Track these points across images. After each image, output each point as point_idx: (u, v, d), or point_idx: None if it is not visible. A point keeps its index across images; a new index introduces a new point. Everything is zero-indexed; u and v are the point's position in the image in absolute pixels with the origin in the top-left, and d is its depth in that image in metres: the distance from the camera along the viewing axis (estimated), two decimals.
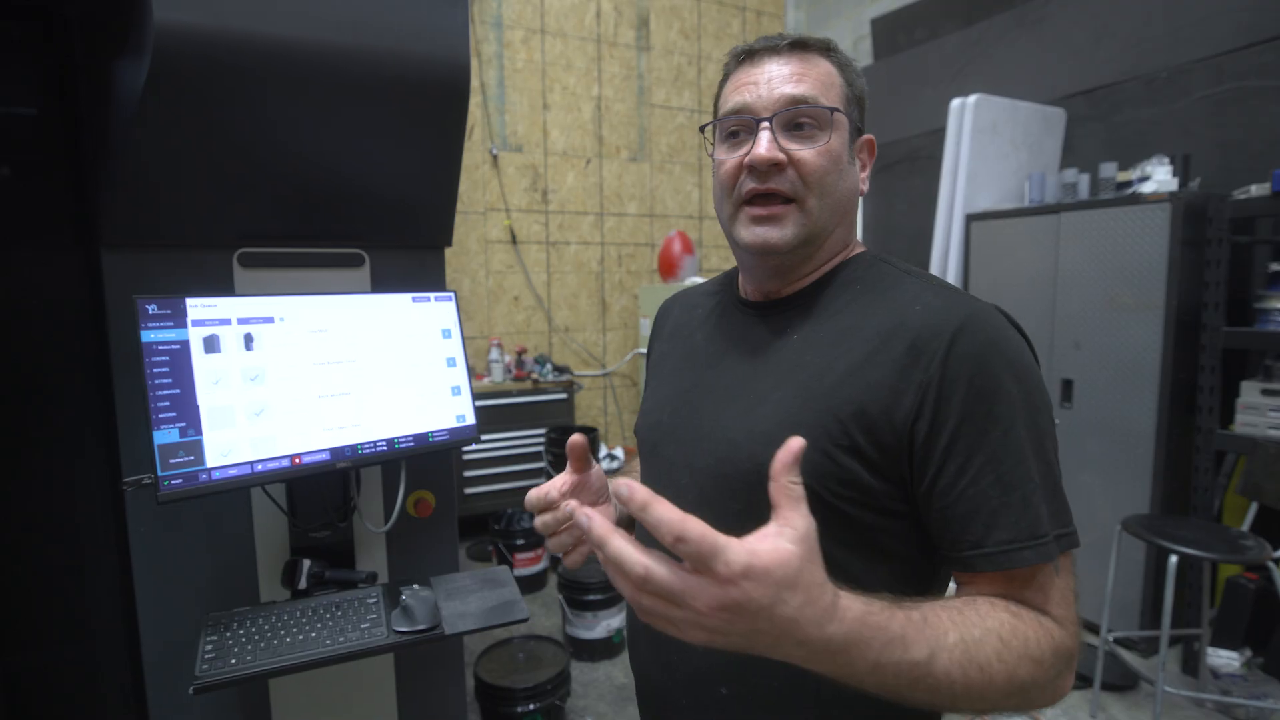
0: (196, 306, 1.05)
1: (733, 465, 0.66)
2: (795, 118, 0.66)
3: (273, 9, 1.02)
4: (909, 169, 4.08)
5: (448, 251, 1.45)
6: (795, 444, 0.44)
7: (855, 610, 0.46)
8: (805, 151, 0.66)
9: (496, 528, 3.09)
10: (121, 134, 1.07)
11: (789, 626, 0.43)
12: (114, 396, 1.17)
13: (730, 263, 4.37)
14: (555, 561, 3.19)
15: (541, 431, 3.56)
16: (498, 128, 3.86)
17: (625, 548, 0.43)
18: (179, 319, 1.03)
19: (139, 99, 0.98)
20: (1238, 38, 2.59)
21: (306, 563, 1.21)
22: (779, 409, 0.65)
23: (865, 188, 0.73)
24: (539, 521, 0.70)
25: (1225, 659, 2.29)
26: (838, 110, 0.67)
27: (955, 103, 3.10)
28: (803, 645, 0.44)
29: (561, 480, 0.72)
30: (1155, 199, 2.39)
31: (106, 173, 1.13)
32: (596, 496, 0.75)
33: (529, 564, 3.05)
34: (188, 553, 1.21)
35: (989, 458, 0.58)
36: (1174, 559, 1.90)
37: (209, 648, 1.03)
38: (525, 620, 1.21)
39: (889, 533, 0.63)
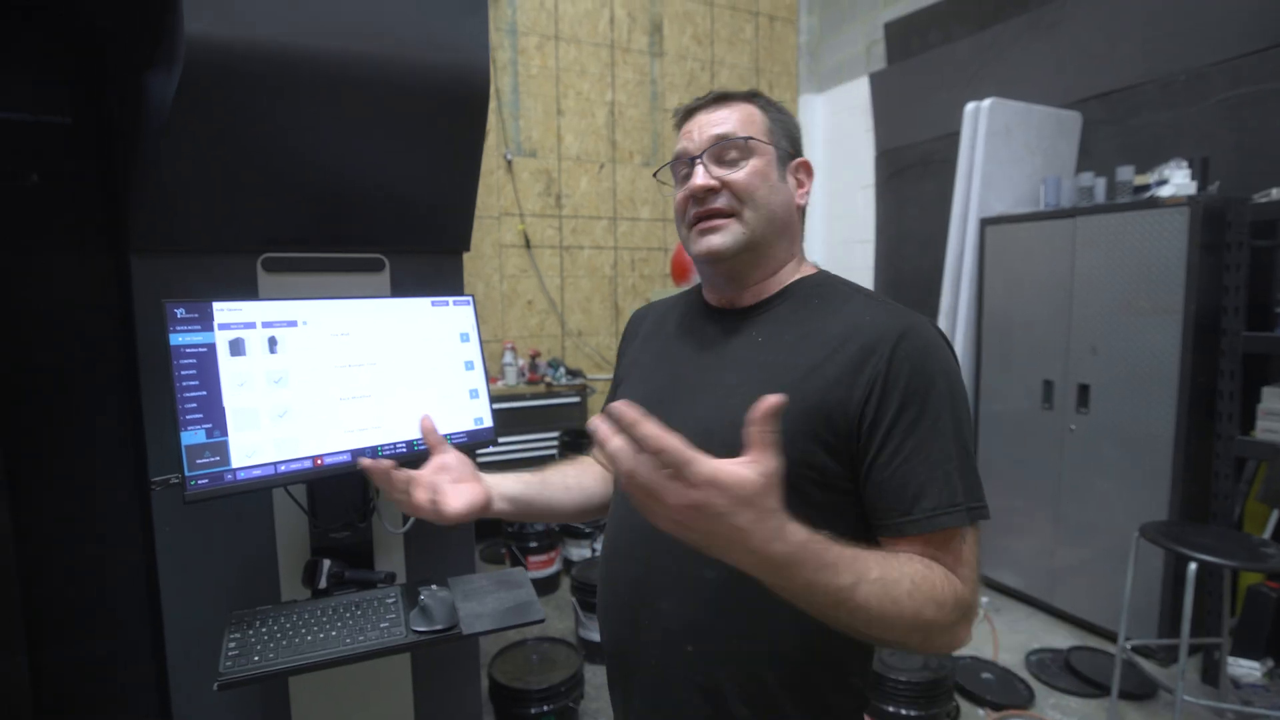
0: (223, 310, 1.07)
1: (708, 451, 0.73)
2: (722, 151, 0.81)
3: (298, 19, 1.04)
4: (921, 173, 4.07)
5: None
6: (774, 399, 0.53)
7: (799, 536, 0.56)
8: (734, 174, 0.81)
9: (509, 530, 3.10)
10: (151, 142, 1.09)
11: (740, 535, 0.53)
12: (140, 398, 1.19)
13: None
14: (568, 564, 3.20)
15: (555, 434, 3.57)
16: (512, 133, 3.89)
17: (622, 447, 0.52)
18: (206, 322, 1.05)
19: (169, 108, 1.01)
20: (1256, 40, 2.57)
21: (326, 563, 1.23)
22: (748, 400, 0.71)
23: (803, 202, 0.87)
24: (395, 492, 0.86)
25: (1246, 669, 2.26)
26: (754, 139, 0.82)
27: (970, 106, 3.09)
28: (751, 554, 0.54)
29: (427, 467, 0.87)
30: (1174, 203, 2.38)
31: (136, 180, 1.16)
32: (459, 474, 0.89)
33: (542, 566, 3.06)
34: (211, 551, 1.24)
35: (920, 441, 0.70)
36: (1193, 566, 1.88)
37: (232, 645, 1.05)
38: (541, 621, 1.22)
39: (839, 509, 0.73)
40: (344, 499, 1.27)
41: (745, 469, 0.52)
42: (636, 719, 0.85)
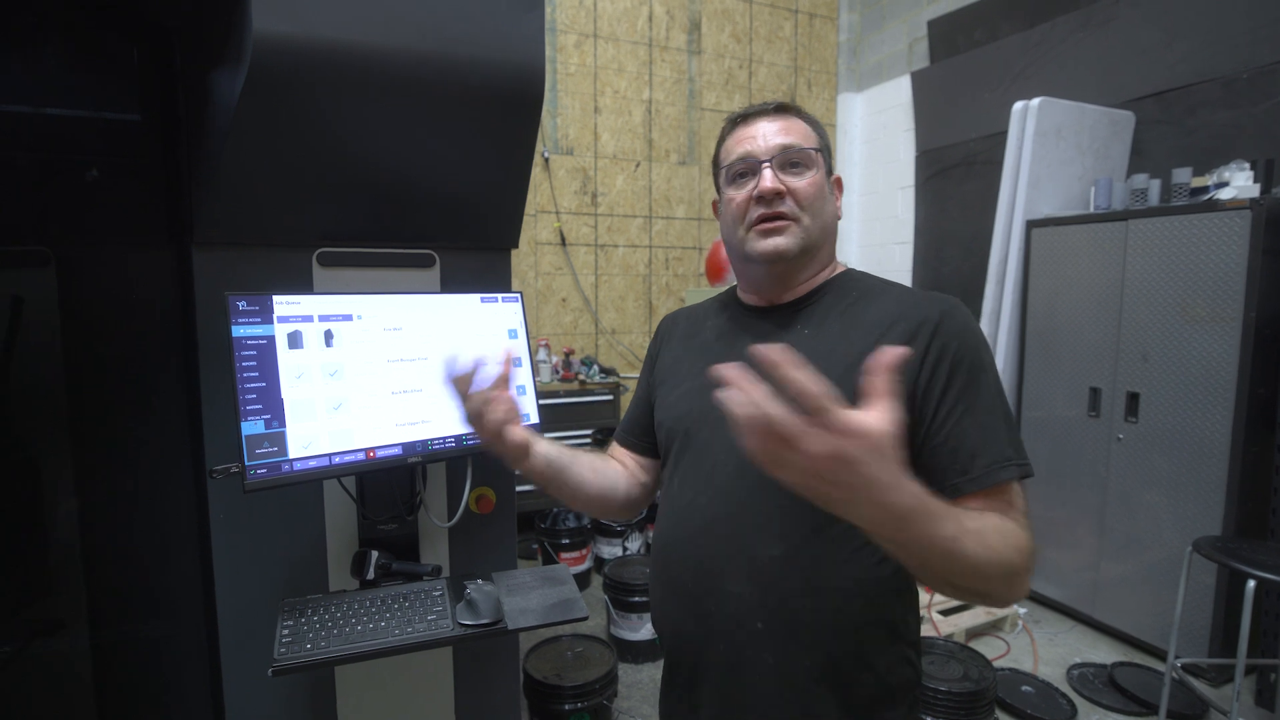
0: (282, 303, 1.09)
1: None
2: (789, 158, 0.86)
3: (361, 18, 1.05)
4: (964, 173, 3.99)
5: None
6: (896, 351, 0.54)
7: (915, 488, 0.57)
8: (799, 182, 0.86)
9: (542, 526, 3.12)
10: (216, 139, 1.12)
11: (871, 487, 0.53)
12: (199, 388, 1.22)
13: None
14: (599, 562, 3.21)
15: (588, 432, 3.59)
16: (549, 131, 3.91)
17: (765, 397, 0.52)
18: (266, 315, 1.08)
19: (235, 106, 1.03)
20: None
21: (374, 554, 1.24)
22: None
23: (840, 215, 0.94)
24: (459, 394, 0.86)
25: None
26: (817, 150, 0.88)
27: (1018, 106, 3.02)
28: (878, 506, 0.55)
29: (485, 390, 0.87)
30: (1235, 205, 2.29)
31: (200, 175, 1.19)
32: (508, 415, 0.88)
33: (574, 563, 3.08)
34: (263, 540, 1.26)
35: (969, 406, 0.76)
36: (1252, 584, 1.81)
37: (285, 632, 1.07)
38: (585, 619, 1.22)
39: None
40: (393, 492, 1.28)
41: (878, 418, 0.53)
42: (708, 713, 0.87)
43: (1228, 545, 1.99)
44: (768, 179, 0.85)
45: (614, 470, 1.05)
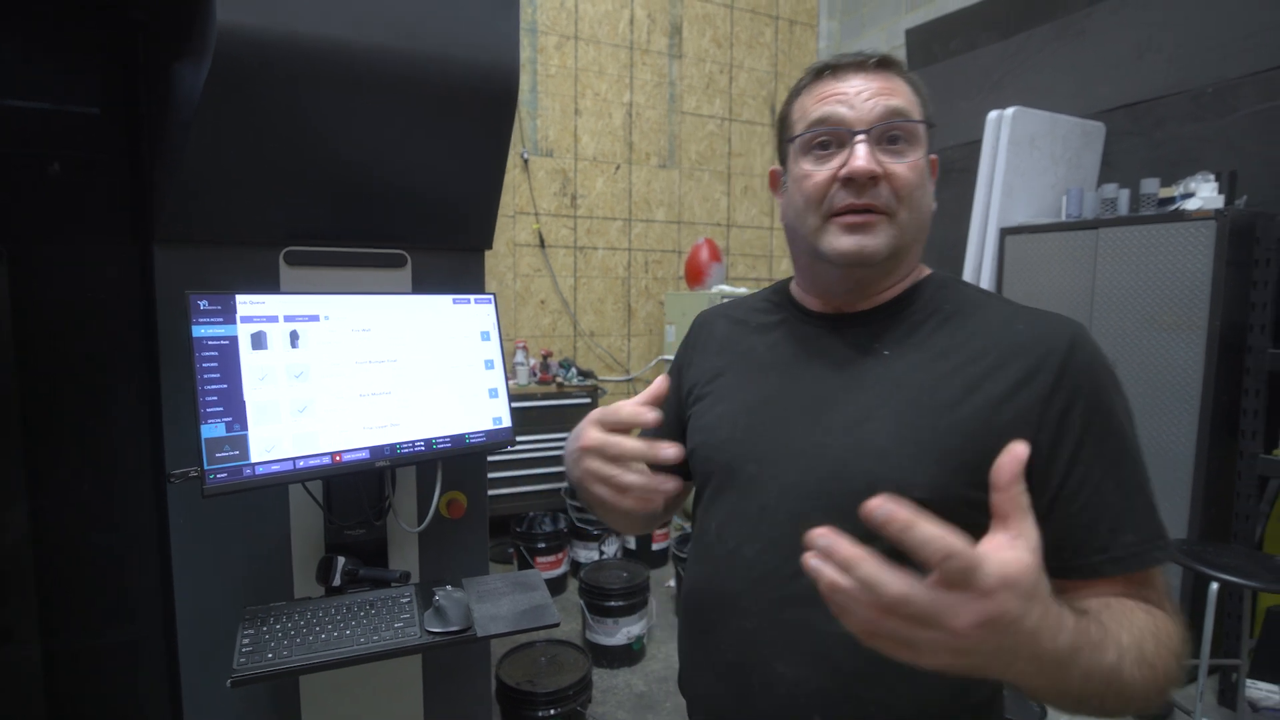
0: (245, 303, 1.07)
1: (843, 483, 0.64)
2: (890, 130, 0.66)
3: (330, 12, 1.03)
4: (941, 181, 3.96)
5: None
6: (1020, 450, 0.45)
7: (1070, 620, 0.47)
8: (899, 165, 0.65)
9: (518, 530, 3.09)
10: (179, 133, 1.09)
11: (1030, 639, 0.43)
12: (160, 389, 1.19)
13: (756, 271, 4.29)
14: (576, 566, 3.19)
15: (564, 435, 3.56)
16: (529, 132, 3.89)
17: (880, 571, 0.41)
18: (228, 315, 1.05)
19: (198, 99, 1.00)
20: None
21: (341, 560, 1.22)
22: (893, 425, 0.64)
23: (935, 205, 0.73)
24: (611, 444, 0.62)
25: (1265, 691, 2.22)
26: (928, 124, 0.68)
27: (992, 115, 3.06)
28: (1036, 659, 0.44)
29: (648, 412, 0.63)
30: (1200, 216, 2.34)
31: (162, 170, 1.16)
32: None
33: (550, 568, 3.05)
34: (225, 546, 1.23)
35: (1109, 467, 0.60)
36: (1215, 586, 1.84)
37: (246, 641, 1.04)
38: (556, 625, 1.21)
39: None
40: (360, 496, 1.26)
41: (1021, 552, 0.42)
42: None
43: (1193, 549, 2.03)
44: (861, 157, 0.64)
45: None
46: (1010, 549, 0.42)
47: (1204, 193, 2.44)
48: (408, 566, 1.36)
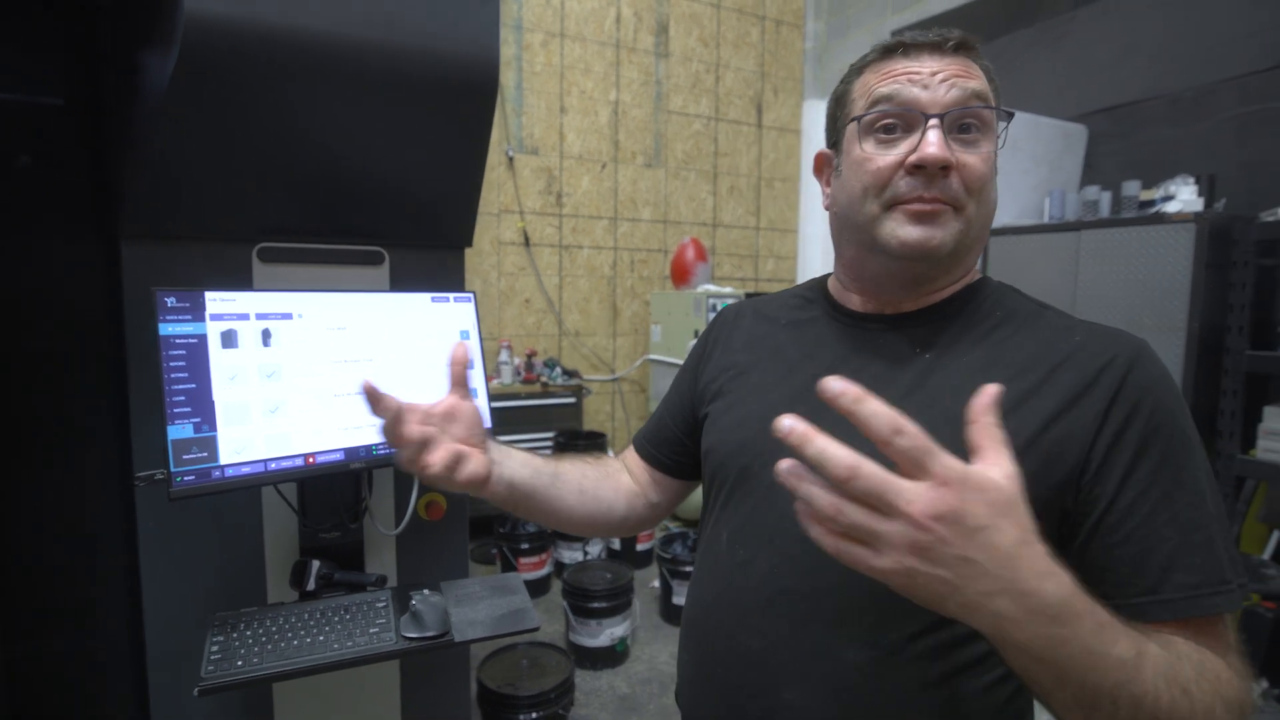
0: (215, 300, 1.03)
1: None
2: (965, 117, 0.61)
3: (302, 1, 1.00)
4: None
5: None
6: (993, 389, 0.42)
7: (1070, 578, 0.41)
8: (971, 156, 0.61)
9: (501, 531, 3.06)
10: (146, 125, 1.06)
11: (1006, 563, 0.38)
12: (128, 390, 1.15)
13: (742, 271, 4.28)
14: (560, 567, 3.16)
15: (550, 435, 3.54)
16: (514, 130, 3.86)
17: (830, 444, 0.39)
18: (197, 313, 1.02)
19: (165, 89, 0.97)
20: (1266, 58, 2.56)
21: (315, 564, 1.19)
22: (933, 436, 0.60)
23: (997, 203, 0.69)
24: (384, 429, 0.64)
25: None
26: (1005, 111, 0.64)
27: None
28: (1020, 598, 0.39)
29: (438, 405, 0.66)
30: (1180, 219, 2.36)
31: (129, 163, 1.12)
32: (469, 431, 0.68)
33: (533, 568, 3.02)
34: (195, 550, 1.20)
35: (1165, 494, 0.54)
36: None
37: (215, 649, 1.01)
38: (536, 630, 1.19)
39: None
40: (335, 498, 1.23)
41: (986, 466, 0.40)
42: None
43: None
44: (934, 143, 0.59)
45: (610, 488, 0.85)
46: (983, 465, 0.40)
47: (1184, 195, 2.47)
48: (385, 570, 1.34)
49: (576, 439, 3.43)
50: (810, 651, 0.60)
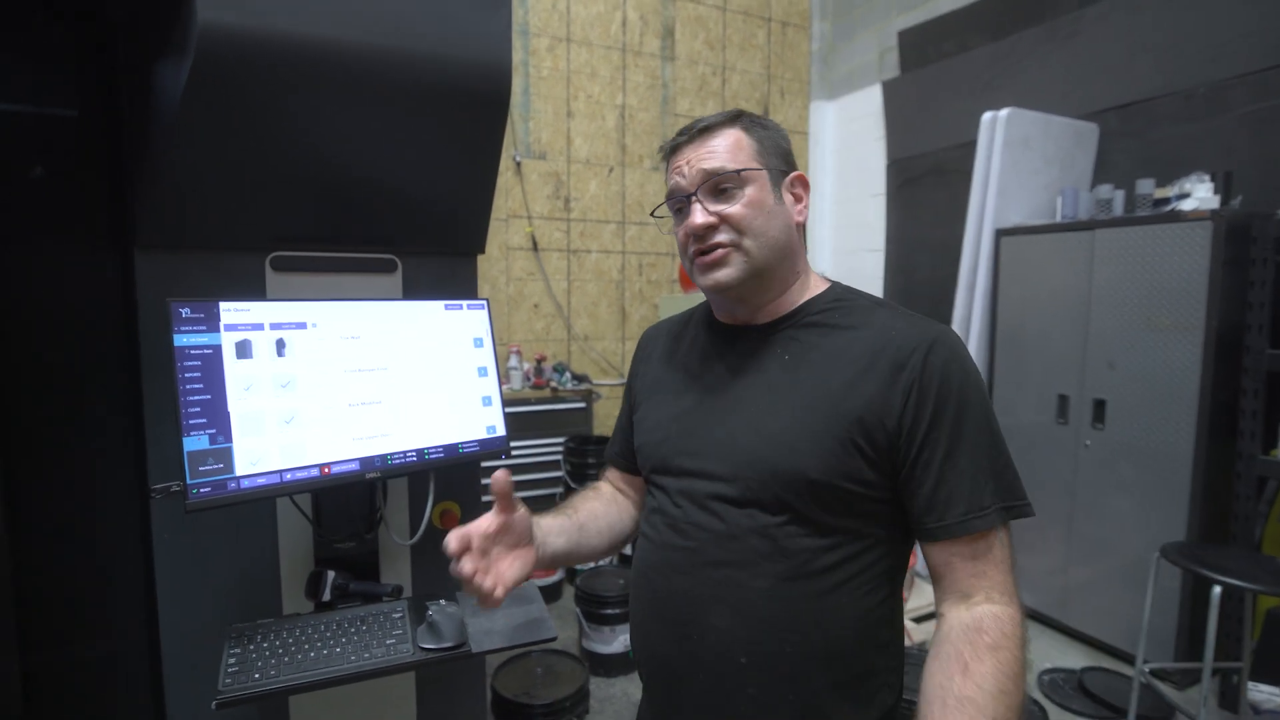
0: (230, 310, 1.03)
1: (751, 469, 0.78)
2: (714, 186, 0.81)
3: (315, 10, 1.00)
4: (935, 182, 4.03)
5: None
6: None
7: None
8: (731, 208, 0.80)
9: None
10: (160, 135, 1.05)
11: None
12: (142, 400, 1.15)
13: None
14: (571, 573, 3.15)
15: (560, 440, 3.52)
16: (521, 135, 3.86)
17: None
18: (212, 323, 1.01)
19: (179, 100, 0.97)
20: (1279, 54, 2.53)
21: (331, 574, 1.18)
22: (791, 421, 0.78)
23: (802, 218, 0.86)
24: (461, 566, 0.78)
25: (1266, 694, 2.20)
26: (746, 169, 0.81)
27: (987, 116, 3.06)
28: None
29: (487, 522, 0.81)
30: (1196, 216, 2.33)
31: (143, 174, 1.12)
32: (519, 539, 0.84)
33: (543, 575, 3.01)
34: (211, 561, 1.19)
35: (951, 448, 0.73)
36: (1218, 590, 1.83)
37: (232, 661, 1.00)
38: (553, 640, 1.18)
39: (882, 516, 0.78)
40: (351, 508, 1.22)
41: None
42: None
43: (1194, 551, 2.01)
44: (696, 214, 0.80)
45: (618, 511, 1.02)
46: None
47: (1199, 193, 2.44)
48: (400, 580, 1.33)
49: (586, 444, 3.42)
50: (726, 584, 0.79)
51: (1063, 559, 2.83)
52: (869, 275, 4.43)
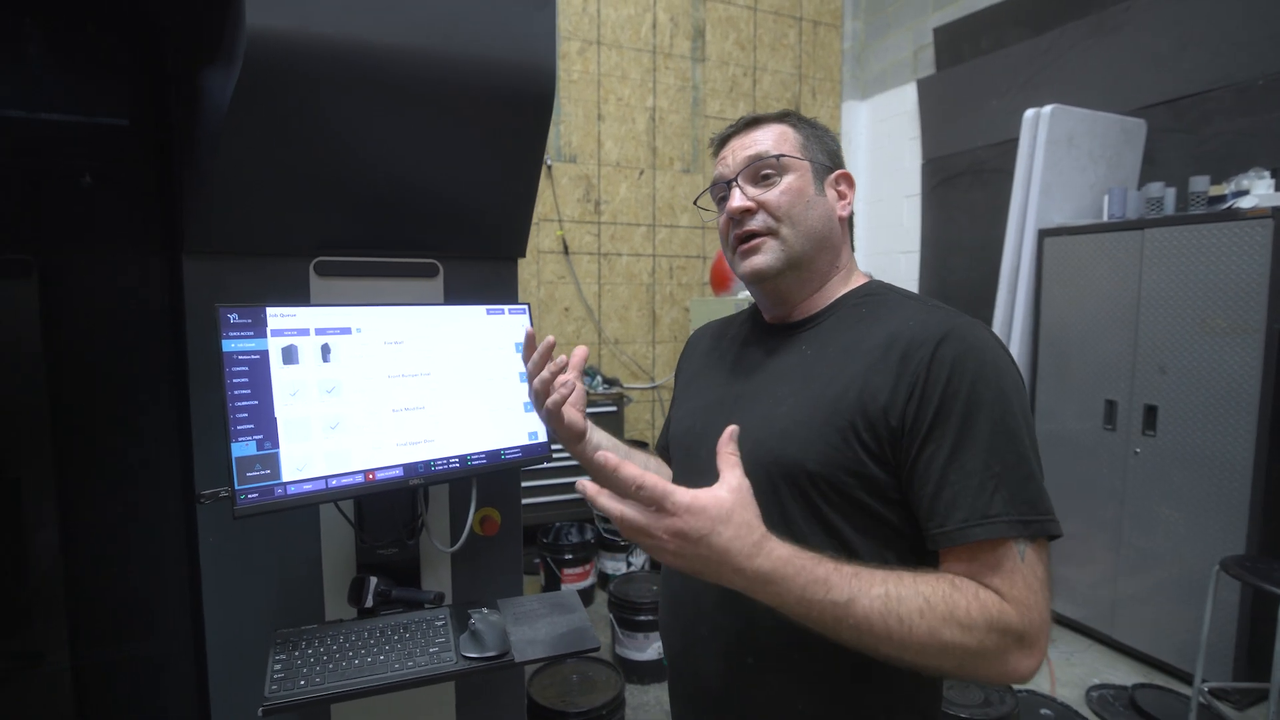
0: (276, 316, 1.03)
1: (756, 461, 0.76)
2: (755, 171, 0.83)
3: (360, 14, 1.00)
4: (971, 182, 3.94)
5: None
6: (731, 429, 0.63)
7: (782, 551, 0.60)
8: (769, 194, 0.82)
9: (545, 541, 3.05)
10: (208, 142, 1.06)
11: (724, 555, 0.58)
12: (189, 405, 1.16)
13: None
14: (603, 578, 3.14)
15: None
16: (552, 138, 3.86)
17: (606, 502, 0.59)
18: (259, 328, 1.01)
19: (227, 107, 0.97)
20: None
21: (373, 580, 1.18)
22: (793, 411, 0.78)
23: (845, 213, 0.87)
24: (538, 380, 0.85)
25: None
26: (786, 155, 0.83)
27: (1029, 113, 2.97)
28: (739, 573, 0.59)
29: (566, 371, 0.87)
30: (1255, 214, 2.23)
31: (191, 180, 1.13)
32: (576, 403, 0.88)
33: (577, 579, 3.00)
34: (255, 566, 1.20)
35: (955, 448, 0.67)
36: None
37: (278, 667, 1.00)
38: (596, 649, 1.15)
39: (894, 519, 0.73)
40: (394, 514, 1.22)
41: (719, 491, 0.59)
42: None
43: (1258, 565, 1.92)
44: (735, 198, 0.83)
45: (666, 475, 1.04)
46: (709, 489, 0.59)
47: (1259, 190, 2.34)
48: (440, 586, 1.32)
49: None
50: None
51: (1111, 570, 2.73)
52: (903, 277, 4.35)
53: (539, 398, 0.86)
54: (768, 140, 0.84)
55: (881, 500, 0.72)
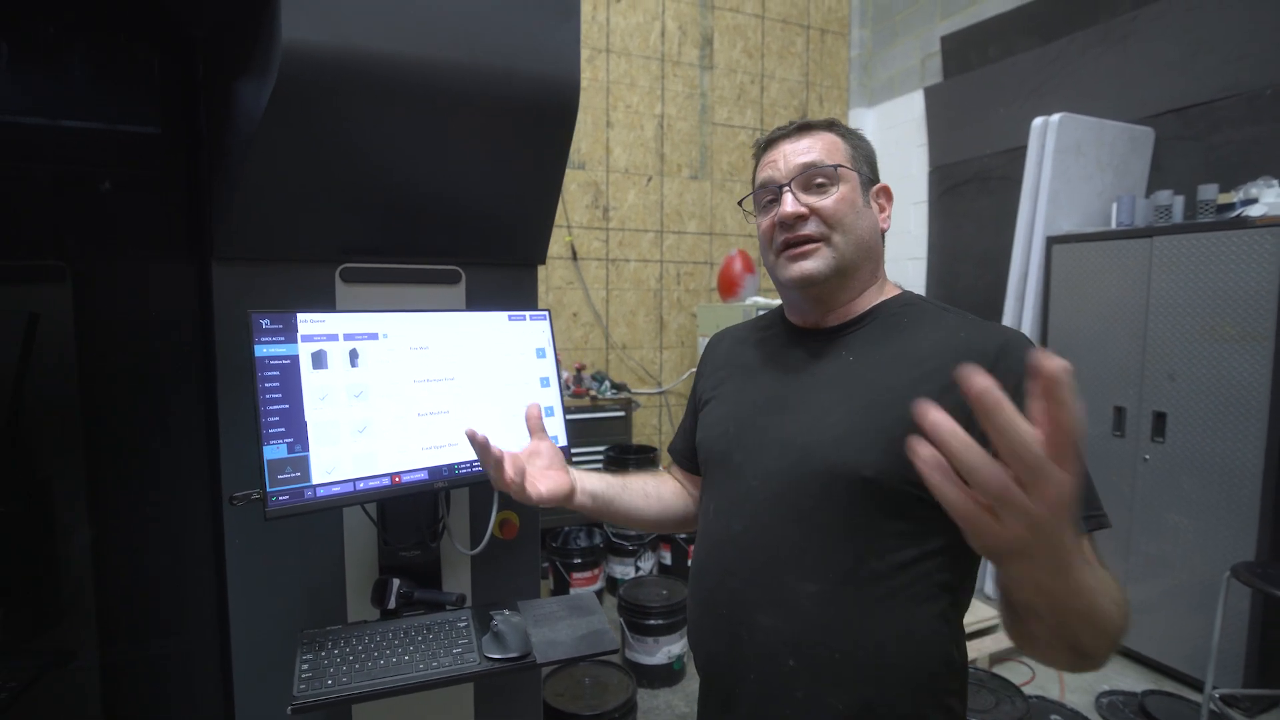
0: (306, 321, 1.05)
1: (807, 467, 0.78)
2: (809, 179, 0.84)
3: (393, 26, 1.02)
4: (978, 189, 3.96)
5: None
6: (1063, 364, 0.51)
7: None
8: (823, 201, 0.83)
9: (554, 545, 3.06)
10: (239, 151, 1.08)
11: (1067, 539, 0.50)
12: (218, 409, 1.18)
13: None
14: (611, 582, 3.15)
15: (600, 449, 3.53)
16: None
17: (1018, 418, 0.46)
18: (290, 334, 1.03)
19: (260, 117, 0.99)
20: None
21: (396, 582, 1.19)
22: (847, 419, 0.77)
23: (887, 225, 0.89)
24: (504, 470, 0.85)
25: None
26: (841, 166, 0.84)
27: (1037, 121, 2.99)
28: (1059, 557, 0.51)
29: (524, 450, 0.89)
30: (1265, 223, 2.25)
31: (222, 188, 1.15)
32: (549, 462, 0.91)
33: (585, 584, 3.01)
34: (281, 567, 1.21)
35: None
36: None
37: (305, 667, 1.01)
38: (615, 651, 1.17)
39: (940, 524, 0.70)
40: (416, 517, 1.23)
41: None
42: None
43: (1269, 572, 1.93)
44: (788, 203, 0.83)
45: (668, 490, 1.06)
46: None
47: (1268, 198, 2.35)
48: (461, 589, 1.33)
49: (627, 453, 3.42)
50: (774, 585, 0.79)
51: (1121, 577, 2.74)
52: (910, 284, 4.36)
53: (520, 490, 0.85)
54: (820, 148, 0.85)
55: (929, 505, 0.70)
